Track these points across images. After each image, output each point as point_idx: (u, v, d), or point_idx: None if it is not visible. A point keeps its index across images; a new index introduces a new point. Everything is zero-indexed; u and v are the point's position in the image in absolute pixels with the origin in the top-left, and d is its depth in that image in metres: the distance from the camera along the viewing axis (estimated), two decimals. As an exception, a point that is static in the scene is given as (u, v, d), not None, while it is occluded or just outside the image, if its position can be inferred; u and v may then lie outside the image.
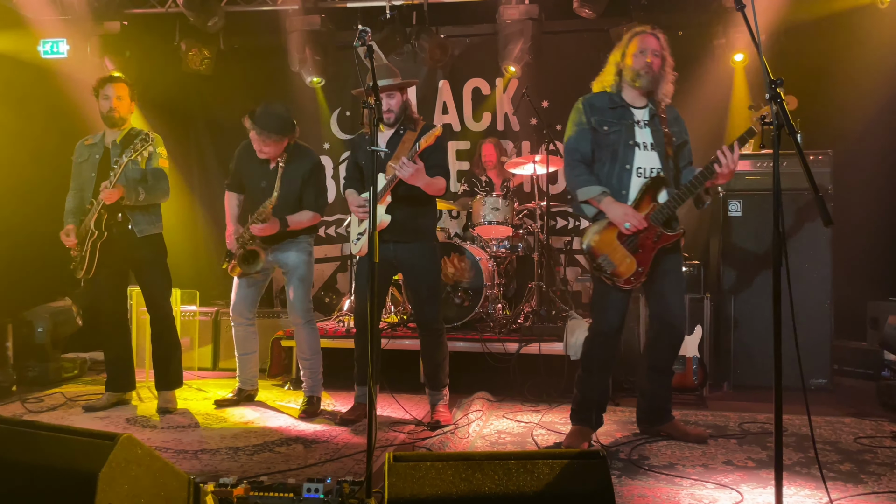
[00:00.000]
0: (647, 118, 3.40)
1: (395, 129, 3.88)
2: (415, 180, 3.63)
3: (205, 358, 5.64)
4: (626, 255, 3.29)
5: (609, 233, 3.32)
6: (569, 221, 6.47)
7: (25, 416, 4.12)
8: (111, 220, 4.14)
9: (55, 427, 2.10)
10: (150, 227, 4.24)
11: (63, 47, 6.15)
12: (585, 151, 3.41)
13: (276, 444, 3.56)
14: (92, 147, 4.29)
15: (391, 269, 3.95)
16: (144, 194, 4.12)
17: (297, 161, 4.19)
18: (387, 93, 3.80)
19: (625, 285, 3.31)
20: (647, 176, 3.34)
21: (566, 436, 3.52)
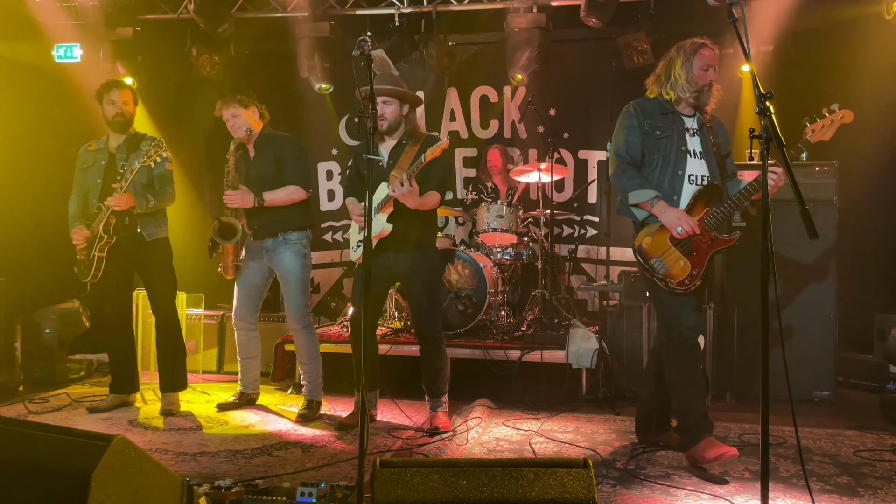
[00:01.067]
0: (696, 127, 3.40)
1: (397, 140, 3.91)
2: (406, 200, 3.67)
3: (210, 361, 5.69)
4: (680, 257, 3.25)
5: (661, 235, 3.29)
6: (574, 229, 6.47)
7: (31, 417, 4.17)
8: (119, 224, 4.19)
9: (50, 427, 2.13)
10: (157, 230, 4.30)
11: (76, 52, 6.24)
12: (636, 155, 3.38)
13: (275, 447, 3.58)
14: (96, 153, 4.35)
15: (391, 277, 3.98)
16: (154, 201, 4.19)
17: (269, 144, 4.26)
18: (382, 99, 3.81)
19: (678, 287, 3.25)
20: (699, 183, 3.33)
21: (694, 454, 3.26)
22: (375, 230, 3.77)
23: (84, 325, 5.49)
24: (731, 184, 3.44)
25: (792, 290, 4.76)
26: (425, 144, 3.80)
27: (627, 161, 3.38)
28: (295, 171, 4.22)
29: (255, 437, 3.79)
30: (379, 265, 3.86)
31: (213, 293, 6.09)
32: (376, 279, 3.91)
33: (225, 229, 4.17)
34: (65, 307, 5.45)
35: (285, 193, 4.17)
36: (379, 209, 3.78)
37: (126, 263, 4.28)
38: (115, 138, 4.33)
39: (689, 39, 3.39)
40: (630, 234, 6.16)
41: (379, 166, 3.87)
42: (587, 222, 6.44)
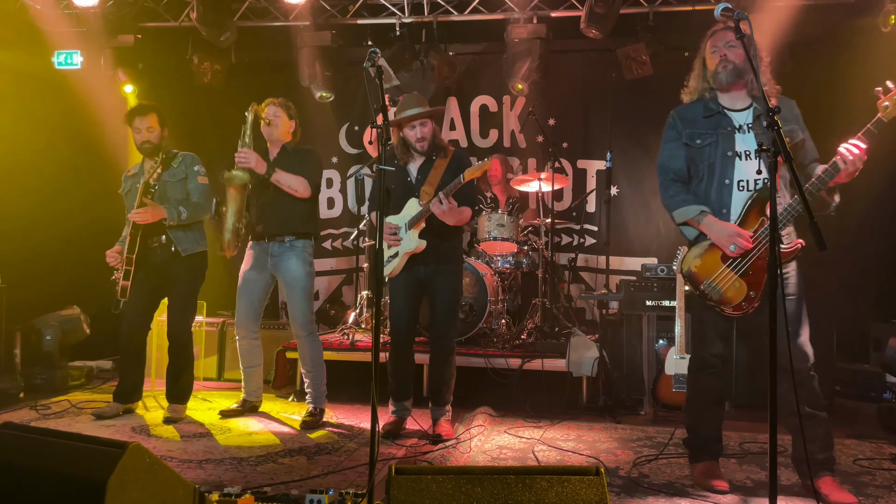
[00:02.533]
0: (749, 121, 3.06)
1: (426, 156, 3.98)
2: (446, 218, 3.76)
3: (210, 368, 5.68)
4: (734, 278, 2.96)
5: (712, 255, 3.01)
6: (573, 238, 6.51)
7: (34, 423, 4.16)
8: (154, 243, 4.22)
9: (64, 434, 2.15)
10: (193, 245, 4.32)
11: (77, 59, 6.25)
12: (679, 169, 3.15)
13: (280, 455, 3.59)
14: (133, 178, 4.40)
15: (424, 288, 4.03)
16: (186, 213, 4.19)
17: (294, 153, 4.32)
18: (419, 122, 3.89)
19: (734, 312, 2.99)
20: (750, 189, 3.00)
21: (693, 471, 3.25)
22: (410, 247, 3.89)
23: (84, 331, 5.48)
24: (811, 171, 3.06)
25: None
26: (455, 159, 3.90)
27: (671, 177, 3.16)
28: (306, 169, 4.25)
29: (260, 444, 3.80)
30: (410, 276, 3.97)
31: (214, 300, 6.09)
32: (409, 290, 4.00)
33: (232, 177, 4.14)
34: (65, 314, 5.44)
35: (294, 180, 4.17)
36: (411, 226, 3.87)
37: (156, 284, 4.31)
38: (149, 162, 4.36)
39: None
40: (629, 242, 6.30)
41: (408, 182, 3.98)
42: (586, 231, 6.48)
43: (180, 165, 4.29)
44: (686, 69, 5.19)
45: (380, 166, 2.67)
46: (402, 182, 4.00)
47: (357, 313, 5.75)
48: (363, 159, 6.63)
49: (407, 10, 6.21)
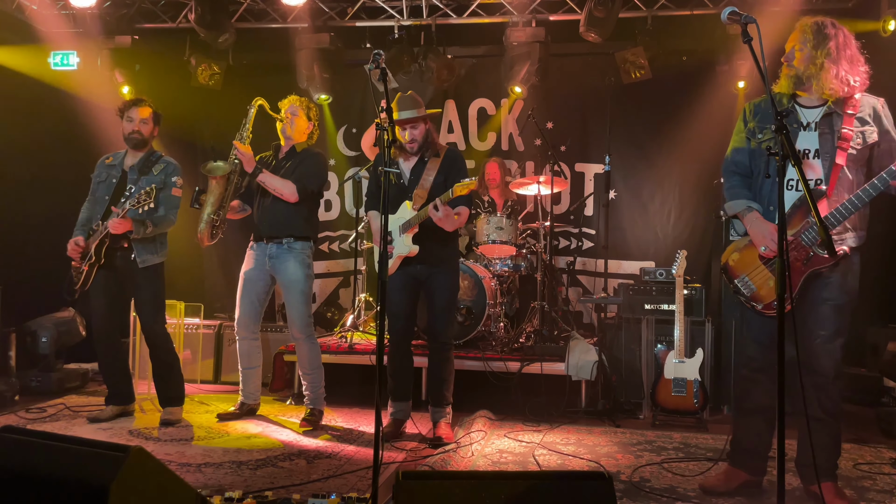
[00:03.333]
0: (817, 119, 2.95)
1: (419, 157, 3.98)
2: (443, 224, 3.78)
3: (207, 371, 5.65)
4: (770, 277, 2.94)
5: (751, 252, 3.02)
6: (571, 242, 6.51)
7: (29, 426, 4.12)
8: (115, 248, 4.17)
9: (66, 438, 2.12)
10: (151, 256, 4.24)
11: (73, 60, 6.23)
12: (741, 161, 3.10)
13: (279, 458, 3.57)
14: (111, 168, 4.34)
15: (419, 285, 4.03)
16: (153, 227, 4.13)
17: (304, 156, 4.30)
18: (410, 124, 3.91)
19: (766, 311, 2.96)
20: (799, 189, 2.95)
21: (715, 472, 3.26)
22: (403, 251, 3.89)
23: (80, 334, 5.44)
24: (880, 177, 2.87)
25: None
26: (447, 159, 3.89)
27: (731, 168, 3.12)
28: (304, 173, 4.22)
29: (259, 447, 3.77)
30: (407, 276, 3.96)
31: (211, 303, 6.08)
32: (406, 287, 3.99)
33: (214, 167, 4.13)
34: (60, 316, 5.39)
35: (280, 184, 4.16)
36: (405, 230, 3.86)
37: (117, 283, 4.26)
38: (131, 155, 4.31)
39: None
40: (627, 245, 6.30)
41: (400, 183, 3.97)
42: (584, 235, 6.48)
43: (160, 174, 4.22)
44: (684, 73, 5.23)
45: (385, 168, 2.65)
46: (395, 183, 3.99)
47: (355, 316, 5.73)
48: (361, 162, 6.61)
49: (405, 13, 6.20)
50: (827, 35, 2.89)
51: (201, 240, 4.22)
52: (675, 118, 6.01)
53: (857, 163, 2.92)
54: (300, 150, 4.32)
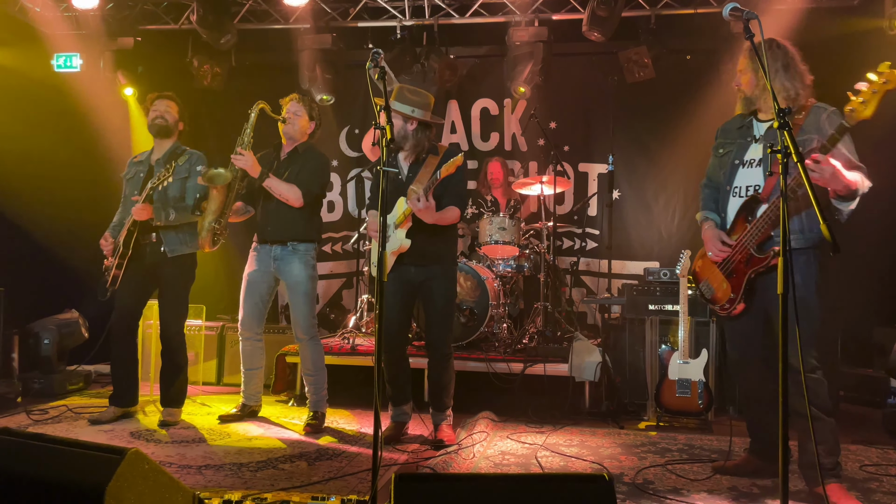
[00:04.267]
0: (762, 132, 3.17)
1: (417, 154, 3.91)
2: (423, 216, 3.67)
3: (209, 372, 5.64)
4: (723, 279, 3.17)
5: (709, 258, 3.27)
6: (574, 242, 6.48)
7: (31, 428, 4.12)
8: (144, 240, 4.19)
9: (62, 440, 2.11)
10: (181, 246, 4.25)
11: (76, 61, 6.23)
12: (712, 175, 3.37)
13: (280, 460, 3.55)
14: (138, 164, 4.36)
15: (413, 290, 3.94)
16: (175, 214, 4.13)
17: (305, 155, 4.28)
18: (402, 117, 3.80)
19: (721, 312, 3.21)
20: (743, 196, 3.15)
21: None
22: (394, 245, 3.80)
23: (83, 335, 5.44)
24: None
25: (793, 304, 4.77)
26: (445, 157, 3.82)
27: (704, 182, 3.41)
28: (305, 178, 4.19)
29: (260, 449, 3.76)
30: (400, 279, 3.87)
31: (214, 304, 6.06)
32: (399, 293, 3.90)
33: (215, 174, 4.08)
34: (63, 318, 5.39)
35: (286, 189, 4.13)
36: (398, 224, 3.79)
37: (146, 279, 4.27)
38: (158, 148, 4.32)
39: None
40: (631, 246, 6.26)
41: (398, 180, 3.89)
42: (588, 235, 6.45)
43: (185, 163, 4.23)
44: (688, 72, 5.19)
45: (382, 168, 2.63)
46: (393, 180, 3.89)
47: (357, 317, 5.72)
48: (363, 162, 6.60)
49: (408, 13, 6.18)
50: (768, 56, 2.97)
51: (202, 246, 4.21)
52: (678, 117, 5.98)
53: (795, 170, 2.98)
54: (302, 149, 4.29)
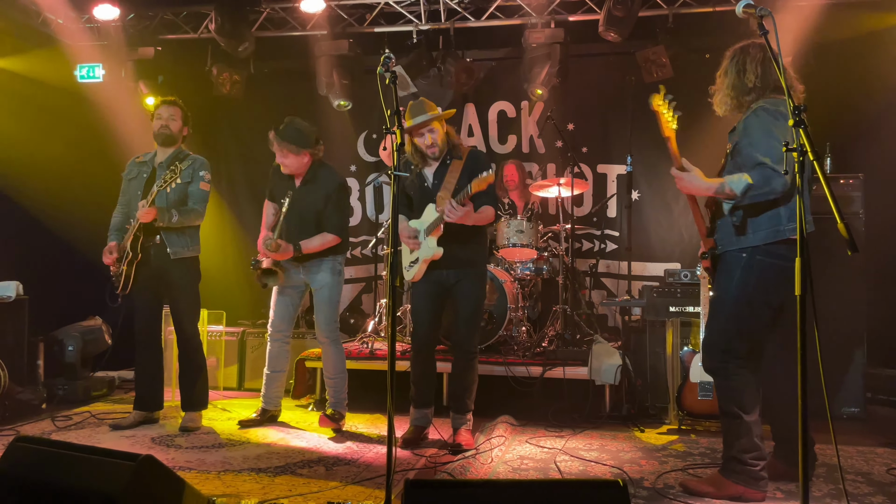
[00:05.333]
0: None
1: (441, 160, 3.94)
2: (464, 221, 3.71)
3: (230, 378, 5.68)
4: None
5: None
6: (594, 244, 6.43)
7: (54, 434, 4.18)
8: (148, 242, 4.23)
9: (79, 447, 2.13)
10: (183, 249, 4.29)
11: (99, 72, 6.33)
12: None
13: (299, 465, 3.56)
14: (141, 165, 4.40)
15: (445, 294, 3.98)
16: (178, 216, 4.18)
17: (319, 180, 4.28)
18: (427, 128, 3.84)
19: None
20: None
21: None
22: (427, 254, 3.84)
23: (106, 342, 5.51)
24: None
25: (819, 306, 4.68)
26: (470, 159, 3.86)
27: None
28: (335, 218, 4.26)
29: (278, 454, 3.77)
30: (433, 283, 3.92)
31: (234, 310, 6.11)
32: (432, 296, 3.96)
33: (268, 274, 4.24)
34: (87, 325, 5.47)
35: (321, 242, 4.22)
36: (429, 232, 3.83)
37: (155, 281, 4.31)
38: (161, 153, 4.36)
39: None
40: (651, 247, 6.19)
41: (425, 187, 3.94)
42: (607, 237, 6.40)
43: (188, 168, 4.26)
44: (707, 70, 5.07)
45: (395, 173, 2.63)
46: (419, 188, 3.97)
47: (376, 321, 5.72)
48: (381, 167, 6.61)
49: (424, 18, 6.19)
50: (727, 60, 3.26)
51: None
52: (697, 116, 5.86)
53: (730, 172, 3.10)
54: (312, 174, 4.30)
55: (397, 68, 6.21)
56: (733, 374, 3.08)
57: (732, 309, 3.07)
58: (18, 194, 5.62)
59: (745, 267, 3.03)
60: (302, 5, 5.95)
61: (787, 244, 2.93)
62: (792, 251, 2.91)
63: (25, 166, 5.66)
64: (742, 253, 3.04)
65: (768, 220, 2.97)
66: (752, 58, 3.12)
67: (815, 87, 5.38)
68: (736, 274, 3.05)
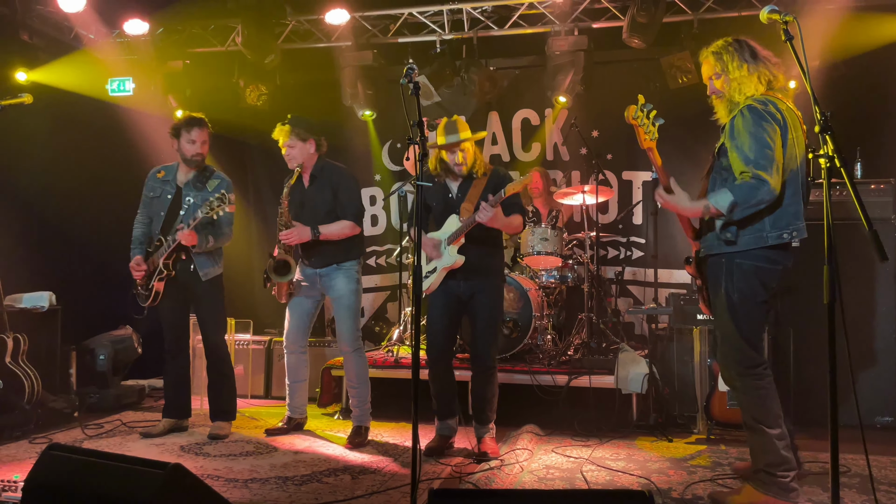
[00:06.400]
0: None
1: (467, 175, 3.98)
2: (494, 223, 3.72)
3: (257, 386, 5.74)
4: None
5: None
6: (620, 251, 6.39)
7: (86, 442, 4.25)
8: (176, 259, 4.31)
9: (109, 455, 2.16)
10: (213, 269, 4.39)
11: (129, 86, 6.45)
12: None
13: (324, 474, 3.58)
14: (164, 183, 4.44)
15: (462, 305, 3.97)
16: (213, 241, 4.26)
17: (326, 174, 4.32)
18: (458, 147, 3.89)
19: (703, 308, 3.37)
20: None
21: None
22: (448, 262, 3.87)
23: (137, 351, 5.60)
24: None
25: (850, 313, 4.60)
26: (494, 177, 3.90)
27: None
28: (349, 206, 4.28)
29: (304, 463, 3.79)
30: (447, 293, 3.93)
31: (261, 319, 6.17)
32: (446, 307, 3.95)
33: (280, 267, 4.24)
34: (118, 334, 5.56)
35: (339, 228, 4.23)
36: (451, 241, 3.86)
37: (182, 293, 4.39)
38: (184, 171, 4.42)
39: None
40: (678, 254, 6.13)
41: (449, 199, 3.98)
42: (633, 244, 6.35)
43: (214, 190, 4.31)
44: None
45: (418, 183, 2.64)
46: (443, 199, 4.00)
47: (401, 330, 5.74)
48: (405, 176, 6.63)
49: (447, 27, 6.22)
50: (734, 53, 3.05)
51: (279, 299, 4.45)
52: (724, 122, 5.84)
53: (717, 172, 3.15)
54: (319, 170, 4.32)
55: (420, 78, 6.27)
56: (751, 386, 3.02)
57: (732, 317, 3.03)
58: (52, 206, 5.74)
59: (727, 273, 3.03)
60: (327, 17, 6.02)
61: (772, 249, 2.95)
62: (776, 255, 2.98)
63: (58, 179, 5.79)
64: (721, 258, 3.04)
65: (751, 226, 2.97)
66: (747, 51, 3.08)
67: (844, 91, 5.35)
68: (722, 282, 3.05)
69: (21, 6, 5.78)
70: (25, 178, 5.59)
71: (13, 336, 4.52)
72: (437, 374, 3.99)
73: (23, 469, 3.50)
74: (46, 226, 5.73)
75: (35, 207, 5.70)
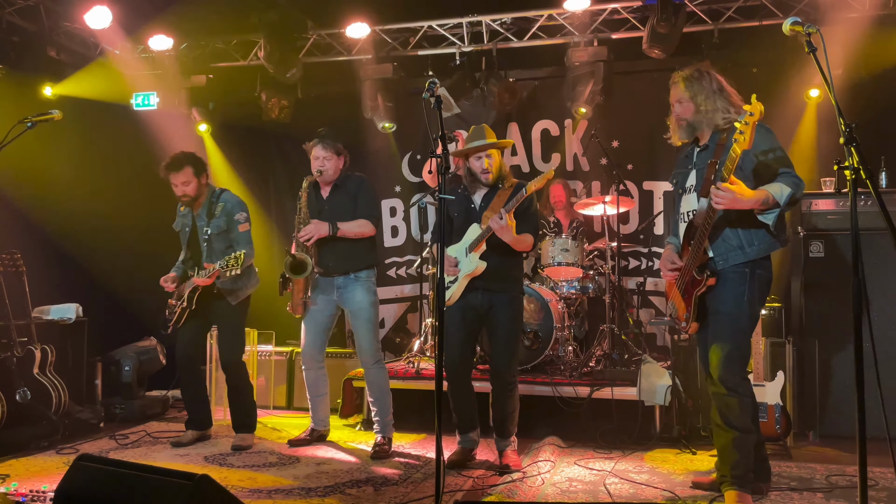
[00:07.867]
0: (696, 158, 3.31)
1: (490, 186, 4.00)
2: (502, 235, 3.72)
3: (280, 397, 5.78)
4: (681, 299, 3.28)
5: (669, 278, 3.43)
6: (641, 262, 6.36)
7: (112, 452, 4.30)
8: (199, 296, 4.36)
9: (137, 466, 2.19)
10: (241, 291, 4.46)
11: (153, 100, 6.57)
12: (675, 203, 3.50)
13: (347, 485, 3.59)
14: (184, 217, 4.55)
15: (479, 317, 3.97)
16: (238, 269, 4.13)
17: (346, 184, 4.38)
18: (485, 153, 3.91)
19: (683, 329, 3.32)
20: (685, 220, 3.29)
21: None
22: (469, 269, 3.87)
23: (161, 362, 5.66)
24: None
25: (876, 324, 4.54)
26: (517, 190, 3.88)
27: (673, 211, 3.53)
28: (366, 206, 4.33)
29: (328, 474, 3.81)
30: (465, 307, 3.91)
31: (283, 330, 6.21)
32: (466, 322, 3.94)
33: (297, 265, 4.26)
34: (142, 345, 5.64)
35: (357, 225, 4.27)
36: (472, 248, 3.86)
37: (206, 315, 4.47)
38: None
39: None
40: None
41: (471, 209, 4.00)
42: (654, 254, 6.31)
43: (221, 215, 4.38)
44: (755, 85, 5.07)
45: (439, 196, 2.66)
46: (464, 209, 4.01)
47: (422, 341, 5.75)
48: (426, 188, 6.67)
49: (466, 40, 6.26)
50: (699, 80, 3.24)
51: (294, 313, 4.45)
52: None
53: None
54: (341, 181, 4.37)
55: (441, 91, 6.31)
56: (748, 392, 3.18)
57: (745, 324, 3.13)
58: (79, 220, 5.84)
59: (749, 281, 3.09)
60: (347, 31, 6.10)
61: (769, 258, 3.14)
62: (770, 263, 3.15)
63: (85, 193, 5.89)
64: (745, 268, 3.10)
65: (763, 234, 3.07)
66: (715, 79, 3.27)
67: (867, 99, 5.30)
68: (742, 289, 3.09)
69: (49, 23, 5.92)
70: (53, 193, 5.69)
71: (41, 347, 4.61)
72: (456, 388, 3.97)
73: (51, 479, 3.56)
74: (73, 238, 5.82)
75: (62, 221, 5.79)
